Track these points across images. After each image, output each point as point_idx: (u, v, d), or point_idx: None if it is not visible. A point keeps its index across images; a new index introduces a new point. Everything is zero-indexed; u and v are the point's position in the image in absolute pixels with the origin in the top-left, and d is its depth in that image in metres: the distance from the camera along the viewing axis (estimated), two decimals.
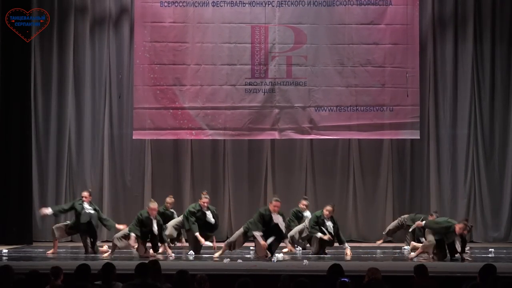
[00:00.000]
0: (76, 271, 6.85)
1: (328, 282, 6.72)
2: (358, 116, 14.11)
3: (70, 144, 14.47)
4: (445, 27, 14.58)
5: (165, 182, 14.65)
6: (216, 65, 14.16)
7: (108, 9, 14.56)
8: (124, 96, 14.53)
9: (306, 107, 14.15)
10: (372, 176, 14.65)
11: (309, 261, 10.57)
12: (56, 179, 14.36)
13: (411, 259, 10.84)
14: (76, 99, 14.53)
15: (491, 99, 14.50)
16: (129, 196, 14.57)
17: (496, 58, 14.49)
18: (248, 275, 7.90)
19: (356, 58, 14.13)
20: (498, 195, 14.44)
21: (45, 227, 14.08)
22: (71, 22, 14.42)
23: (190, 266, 9.47)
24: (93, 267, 6.99)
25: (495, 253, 11.96)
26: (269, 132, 14.21)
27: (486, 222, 14.42)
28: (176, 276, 6.54)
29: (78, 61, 14.51)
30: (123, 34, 14.59)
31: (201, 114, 14.13)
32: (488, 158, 14.52)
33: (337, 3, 14.13)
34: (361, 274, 7.31)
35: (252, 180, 14.71)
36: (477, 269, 6.97)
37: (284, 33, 14.15)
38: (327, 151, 14.74)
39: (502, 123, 14.48)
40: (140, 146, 14.64)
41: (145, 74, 14.10)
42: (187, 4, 14.17)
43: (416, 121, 14.13)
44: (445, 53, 14.55)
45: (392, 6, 14.12)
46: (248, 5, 14.17)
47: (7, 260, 10.93)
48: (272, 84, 14.16)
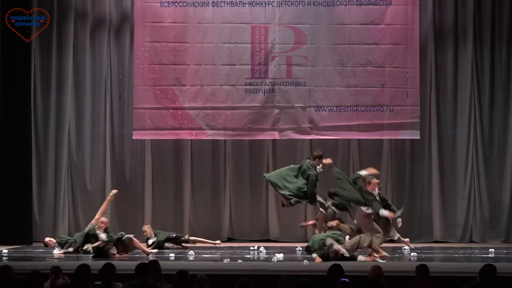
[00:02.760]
0: (76, 271, 6.85)
1: (328, 282, 6.72)
2: (358, 116, 14.11)
3: (70, 144, 14.46)
4: (445, 28, 14.58)
5: (165, 182, 14.65)
6: (216, 65, 14.16)
7: (108, 10, 14.55)
8: (124, 96, 14.53)
9: (306, 107, 14.15)
10: None
11: (309, 261, 10.58)
12: (55, 180, 14.34)
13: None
14: (76, 99, 14.52)
15: (491, 99, 14.51)
16: (130, 197, 14.56)
17: (495, 59, 14.49)
18: (248, 275, 7.90)
19: (356, 58, 14.13)
20: (497, 195, 14.43)
21: (45, 227, 14.10)
22: (71, 22, 14.41)
23: (190, 266, 9.47)
24: (93, 267, 7.00)
25: (495, 253, 11.95)
26: (269, 132, 14.21)
27: (486, 222, 14.41)
28: (176, 276, 6.54)
29: (78, 61, 14.50)
30: (123, 34, 14.58)
31: (201, 114, 14.12)
32: (488, 158, 14.51)
33: (337, 3, 14.13)
34: (361, 274, 7.32)
35: (252, 180, 14.69)
36: (477, 269, 6.98)
37: (284, 33, 14.15)
38: (327, 151, 14.71)
39: (502, 124, 14.48)
40: (140, 146, 14.64)
41: (145, 74, 14.10)
42: (187, 4, 14.16)
43: (416, 121, 14.13)
44: (445, 54, 14.55)
45: (392, 6, 14.12)
46: (248, 5, 14.17)
47: (7, 260, 10.93)
48: (272, 84, 14.15)
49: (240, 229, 14.68)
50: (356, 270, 8.69)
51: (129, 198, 14.56)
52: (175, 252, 11.90)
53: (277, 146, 14.70)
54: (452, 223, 14.44)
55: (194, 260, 11.21)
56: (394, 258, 11.31)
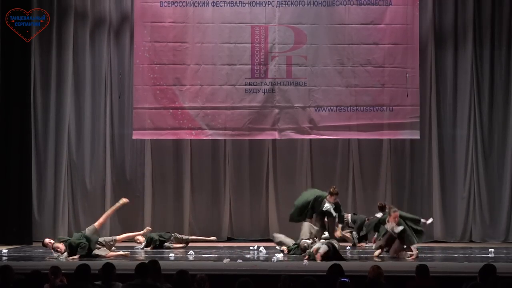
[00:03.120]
0: (76, 271, 6.85)
1: (328, 282, 6.72)
2: (358, 116, 14.11)
3: (70, 144, 14.46)
4: (445, 28, 14.58)
5: (165, 182, 14.65)
6: (216, 65, 14.16)
7: (108, 10, 14.55)
8: (124, 96, 14.53)
9: (306, 107, 14.15)
10: (372, 176, 14.65)
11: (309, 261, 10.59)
12: (55, 180, 14.33)
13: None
14: (76, 99, 14.51)
15: (491, 99, 14.51)
16: (130, 197, 14.53)
17: (495, 59, 14.49)
18: (248, 275, 7.91)
19: (356, 58, 14.13)
20: (497, 195, 14.44)
21: (45, 227, 14.09)
22: (71, 22, 14.40)
23: (190, 266, 9.47)
24: (93, 267, 7.00)
25: (495, 253, 11.95)
26: (269, 132, 14.21)
27: (485, 222, 14.41)
28: (176, 276, 6.54)
29: (78, 61, 14.50)
30: (123, 34, 14.58)
31: (201, 114, 14.12)
32: (488, 158, 14.52)
33: (337, 3, 14.12)
34: (361, 274, 7.32)
35: (252, 180, 14.70)
36: (477, 269, 6.98)
37: (284, 33, 14.14)
38: (327, 151, 14.74)
39: (501, 124, 14.49)
40: (140, 146, 14.64)
41: (145, 74, 14.10)
42: (187, 4, 14.16)
43: (416, 121, 14.13)
44: (445, 54, 14.55)
45: (392, 6, 14.11)
46: (248, 5, 14.16)
47: (7, 260, 10.93)
48: (272, 84, 14.15)
49: (240, 229, 14.68)
50: (356, 270, 8.69)
51: (129, 198, 14.48)
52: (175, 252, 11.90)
53: (277, 146, 14.69)
54: (452, 223, 14.44)
55: (194, 260, 11.21)
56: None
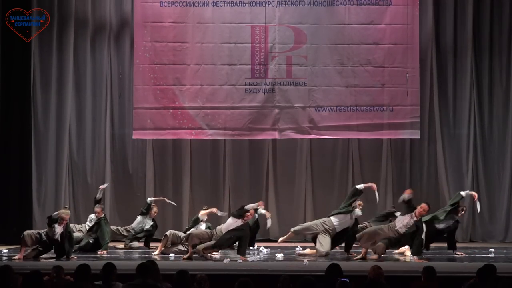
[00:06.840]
0: (76, 271, 6.86)
1: (327, 282, 6.72)
2: (358, 116, 14.11)
3: (71, 144, 14.46)
4: (445, 28, 14.58)
5: (165, 182, 14.65)
6: (216, 65, 14.16)
7: (108, 10, 14.55)
8: (124, 96, 14.53)
9: (306, 107, 14.15)
10: (372, 176, 14.63)
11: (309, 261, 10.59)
12: (56, 180, 14.34)
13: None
14: (76, 99, 14.52)
15: (491, 99, 14.52)
16: (131, 196, 14.56)
17: (495, 59, 14.50)
18: (248, 275, 7.91)
19: (356, 58, 14.14)
20: (497, 195, 14.45)
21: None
22: (71, 22, 14.40)
23: (190, 266, 9.46)
24: (93, 267, 7.00)
25: (495, 253, 11.95)
26: (269, 132, 14.21)
27: (485, 222, 14.42)
28: (176, 276, 6.54)
29: (78, 61, 14.50)
30: (123, 34, 14.59)
31: (201, 114, 14.13)
32: (487, 158, 14.53)
33: (337, 3, 14.13)
34: (361, 274, 7.32)
35: (252, 180, 14.70)
36: (477, 269, 6.98)
37: (284, 33, 14.15)
38: (327, 152, 14.74)
39: (501, 123, 14.50)
40: (141, 146, 14.64)
41: (145, 74, 14.10)
42: (187, 4, 14.17)
43: (416, 121, 14.13)
44: (445, 54, 14.55)
45: (392, 6, 14.12)
46: (248, 5, 14.17)
47: (7, 260, 10.92)
48: (272, 84, 14.16)
49: None
50: (356, 270, 8.69)
51: (130, 198, 14.56)
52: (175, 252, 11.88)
53: (277, 146, 14.70)
54: None
55: (194, 260, 11.20)
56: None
